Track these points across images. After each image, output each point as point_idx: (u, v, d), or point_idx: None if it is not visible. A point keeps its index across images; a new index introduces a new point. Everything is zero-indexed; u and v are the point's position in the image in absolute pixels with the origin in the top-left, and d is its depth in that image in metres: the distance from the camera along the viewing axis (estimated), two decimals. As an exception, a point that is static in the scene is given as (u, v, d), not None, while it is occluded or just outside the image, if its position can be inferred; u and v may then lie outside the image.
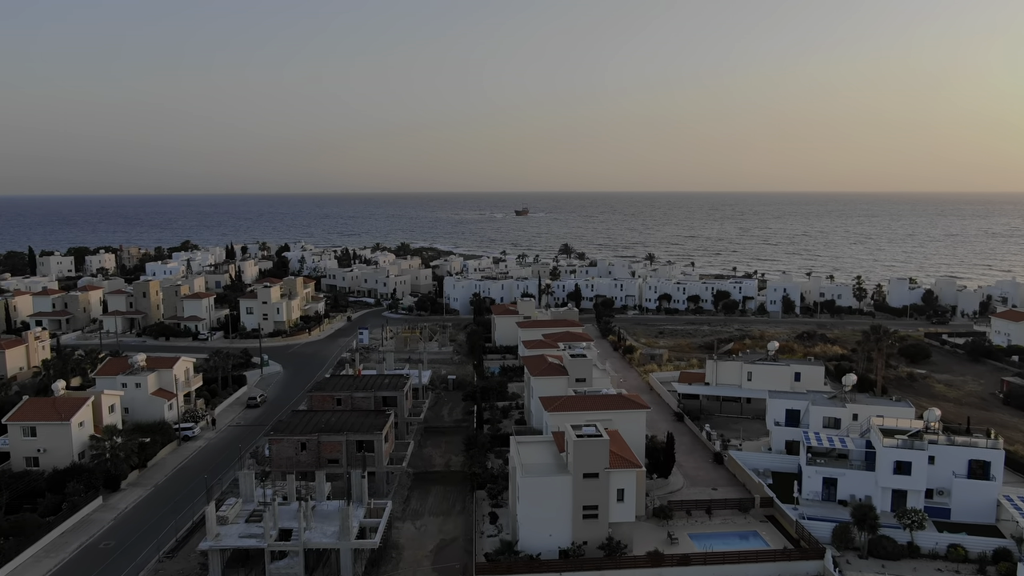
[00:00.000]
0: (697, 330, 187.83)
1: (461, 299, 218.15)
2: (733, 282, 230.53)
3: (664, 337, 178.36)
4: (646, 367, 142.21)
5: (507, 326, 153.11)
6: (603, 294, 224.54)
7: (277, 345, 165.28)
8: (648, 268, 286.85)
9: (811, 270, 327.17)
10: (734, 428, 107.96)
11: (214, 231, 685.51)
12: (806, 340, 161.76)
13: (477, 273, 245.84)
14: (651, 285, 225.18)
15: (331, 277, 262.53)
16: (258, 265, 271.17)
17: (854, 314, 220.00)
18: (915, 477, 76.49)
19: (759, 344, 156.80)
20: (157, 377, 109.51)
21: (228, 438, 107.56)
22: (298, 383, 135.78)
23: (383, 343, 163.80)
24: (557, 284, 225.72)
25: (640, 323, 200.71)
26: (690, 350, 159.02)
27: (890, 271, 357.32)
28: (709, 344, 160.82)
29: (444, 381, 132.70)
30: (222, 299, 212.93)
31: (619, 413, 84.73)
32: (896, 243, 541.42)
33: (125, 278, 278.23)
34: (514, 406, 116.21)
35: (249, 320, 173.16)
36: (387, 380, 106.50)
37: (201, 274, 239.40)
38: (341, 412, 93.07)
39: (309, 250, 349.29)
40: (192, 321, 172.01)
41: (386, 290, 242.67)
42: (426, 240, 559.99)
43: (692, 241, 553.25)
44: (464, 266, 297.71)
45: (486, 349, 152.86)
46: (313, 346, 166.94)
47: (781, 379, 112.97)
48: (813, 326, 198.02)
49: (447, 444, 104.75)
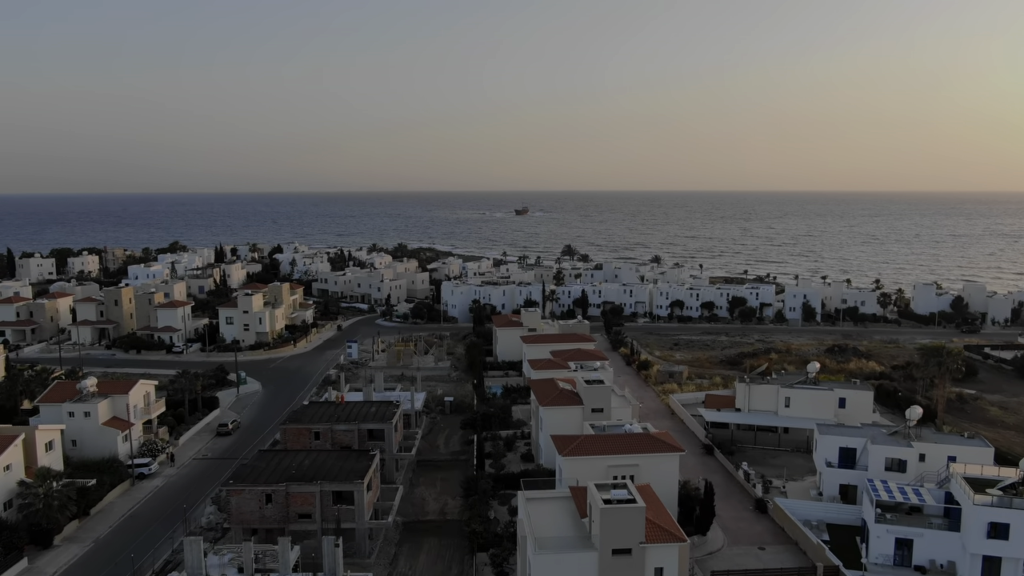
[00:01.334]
0: (715, 341, 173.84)
1: (460, 306, 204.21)
2: (749, 288, 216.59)
3: (680, 349, 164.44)
4: (664, 386, 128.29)
5: (510, 339, 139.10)
6: (611, 301, 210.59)
7: (258, 359, 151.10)
8: (655, 271, 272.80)
9: (826, 274, 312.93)
10: (773, 464, 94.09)
11: (208, 231, 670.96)
12: (837, 354, 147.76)
13: (477, 278, 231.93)
14: (662, 291, 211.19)
15: (323, 281, 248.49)
16: (246, 268, 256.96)
17: (878, 322, 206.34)
18: (1014, 543, 62.61)
19: (787, 359, 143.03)
20: (110, 404, 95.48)
21: (191, 474, 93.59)
22: (278, 405, 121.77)
23: (374, 357, 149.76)
24: (562, 290, 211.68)
25: (652, 332, 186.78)
26: (710, 365, 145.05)
27: (902, 274, 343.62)
28: (731, 359, 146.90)
29: (440, 403, 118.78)
30: (205, 306, 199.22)
31: (648, 458, 70.81)
32: (904, 244, 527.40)
33: (107, 282, 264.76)
34: (520, 435, 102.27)
35: (229, 331, 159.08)
36: (374, 409, 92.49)
37: (184, 279, 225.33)
38: (317, 452, 79.06)
39: (302, 252, 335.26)
40: (167, 332, 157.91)
41: (380, 295, 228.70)
42: (424, 240, 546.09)
43: (694, 242, 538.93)
44: (463, 269, 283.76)
45: (487, 365, 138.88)
46: (298, 360, 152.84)
47: (823, 406, 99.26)
48: (838, 336, 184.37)
49: (443, 483, 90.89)
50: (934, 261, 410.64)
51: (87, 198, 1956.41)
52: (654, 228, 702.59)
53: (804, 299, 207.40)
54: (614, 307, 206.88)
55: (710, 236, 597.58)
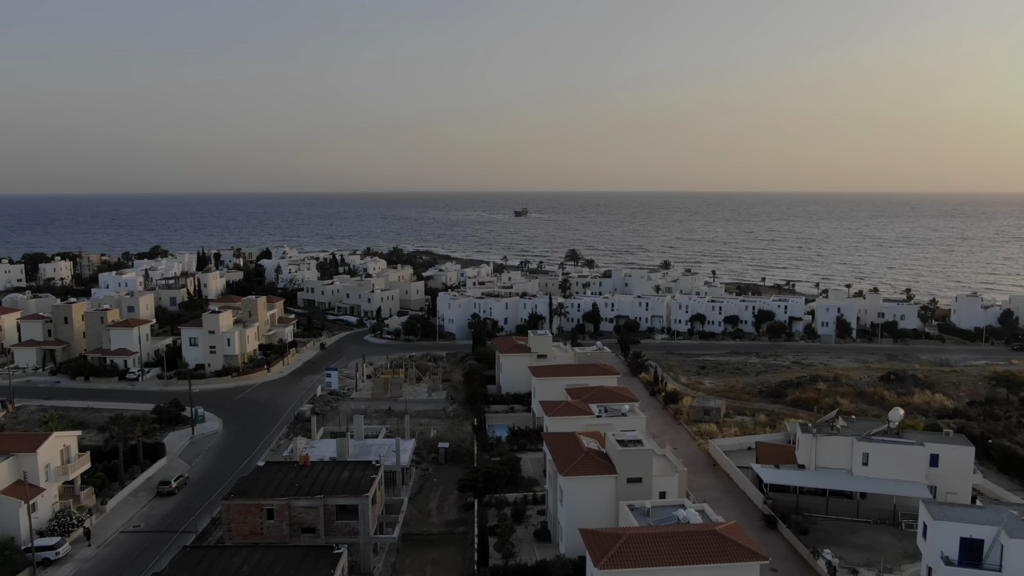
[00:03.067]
0: (746, 364, 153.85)
1: (458, 320, 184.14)
2: (776, 300, 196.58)
3: (708, 373, 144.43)
4: (700, 426, 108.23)
5: (516, 368, 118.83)
6: (625, 315, 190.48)
7: (223, 388, 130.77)
8: (667, 278, 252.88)
9: (849, 282, 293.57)
10: (854, 543, 74.12)
11: (198, 233, 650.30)
12: (895, 384, 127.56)
13: (476, 288, 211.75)
14: (681, 304, 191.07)
15: (309, 291, 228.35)
16: (225, 277, 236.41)
17: (920, 339, 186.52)
18: None
19: (837, 391, 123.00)
20: (13, 465, 75.40)
21: (115, 556, 73.35)
22: (238, 451, 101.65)
23: (357, 386, 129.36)
24: (571, 303, 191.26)
25: (672, 351, 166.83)
26: (749, 397, 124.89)
27: (922, 281, 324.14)
28: (772, 389, 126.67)
29: (433, 450, 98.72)
30: (176, 321, 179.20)
31: (718, 570, 50.88)
32: (916, 247, 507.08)
33: (77, 290, 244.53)
34: (532, 500, 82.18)
35: (193, 354, 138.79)
36: (347, 475, 72.31)
37: (155, 289, 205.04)
38: (265, 548, 58.94)
39: (289, 257, 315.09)
40: (121, 355, 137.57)
41: (371, 307, 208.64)
42: (421, 242, 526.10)
43: (697, 245, 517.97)
44: (461, 276, 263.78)
45: (488, 398, 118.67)
46: (270, 388, 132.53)
47: (911, 465, 79.35)
48: (881, 356, 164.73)
49: (434, 568, 70.93)
50: (950, 266, 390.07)
51: (81, 199, 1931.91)
52: (654, 230, 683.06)
53: (838, 313, 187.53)
54: (629, 322, 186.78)
55: (712, 239, 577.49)
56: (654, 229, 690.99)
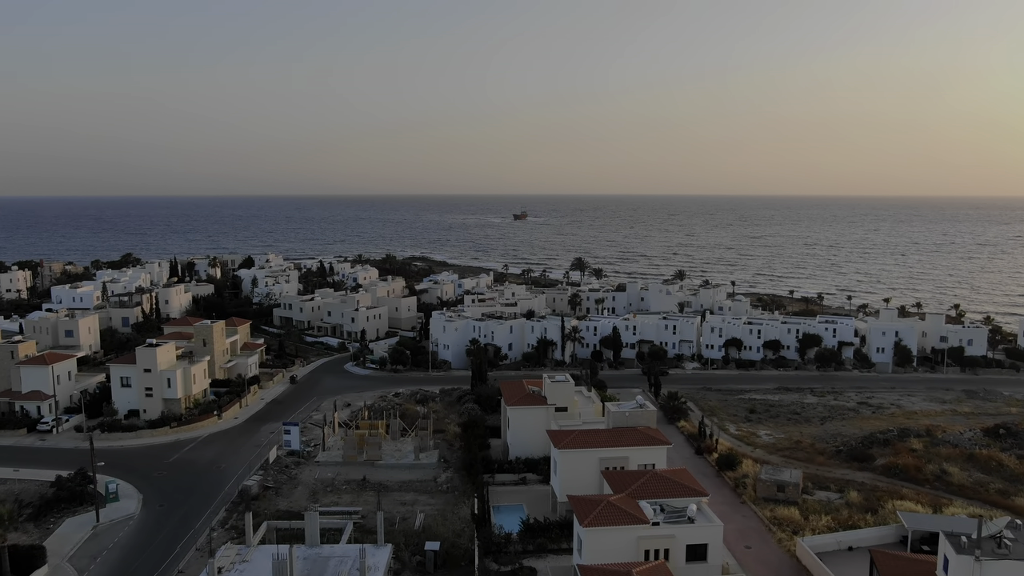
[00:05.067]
0: (802, 405, 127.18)
1: (455, 346, 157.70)
2: (823, 321, 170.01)
3: (760, 419, 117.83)
4: (775, 509, 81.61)
5: (529, 425, 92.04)
6: (649, 339, 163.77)
7: (158, 443, 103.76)
8: (683, 290, 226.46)
9: (888, 296, 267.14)
10: None
11: (182, 237, 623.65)
12: (1005, 438, 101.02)
13: (475, 306, 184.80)
14: (714, 326, 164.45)
15: (287, 307, 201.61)
16: (191, 292, 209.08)
17: (991, 367, 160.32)
18: None
19: (935, 451, 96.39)
20: None
21: None
22: (155, 551, 74.73)
23: (325, 442, 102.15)
24: (586, 325, 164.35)
25: (708, 385, 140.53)
26: (825, 460, 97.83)
27: (949, 293, 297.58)
28: (855, 451, 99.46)
29: (418, 551, 72.01)
30: (124, 348, 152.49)
31: None
32: (931, 254, 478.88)
33: (32, 305, 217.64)
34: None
35: (125, 397, 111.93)
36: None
37: (104, 308, 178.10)
38: None
39: (270, 265, 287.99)
40: (33, 400, 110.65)
41: (355, 328, 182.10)
42: (417, 248, 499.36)
43: (702, 252, 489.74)
44: (459, 289, 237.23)
45: (492, 464, 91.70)
46: (218, 442, 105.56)
47: None
48: (958, 392, 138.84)
49: None
50: (974, 275, 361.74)
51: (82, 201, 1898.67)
52: (655, 235, 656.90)
53: (896, 337, 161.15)
54: (654, 348, 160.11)
55: (715, 244, 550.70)
56: (654, 234, 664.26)
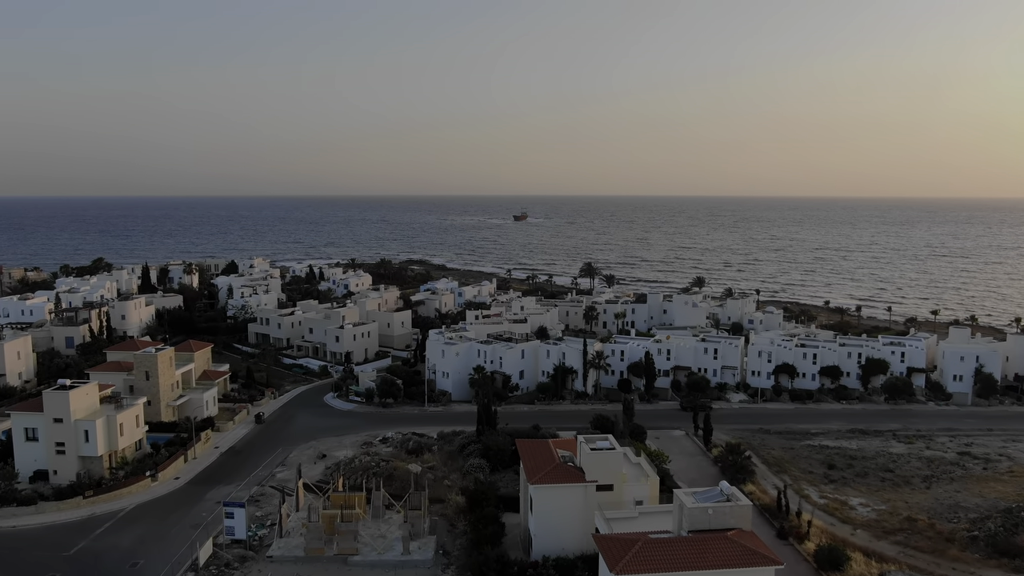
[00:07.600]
0: (889, 454, 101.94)
1: (455, 374, 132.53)
2: (888, 343, 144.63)
3: (844, 478, 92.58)
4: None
5: (560, 510, 66.54)
6: (686, 364, 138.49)
7: (62, 523, 78.05)
8: (707, 302, 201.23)
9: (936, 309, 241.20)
10: None
11: (173, 239, 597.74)
12: None
13: (479, 322, 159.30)
14: (761, 350, 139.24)
15: (263, 322, 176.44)
16: (155, 304, 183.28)
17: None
18: None
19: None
20: None
21: None
22: None
23: (283, 526, 76.29)
24: (610, 349, 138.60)
25: (763, 425, 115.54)
26: (959, 554, 72.64)
27: (978, 303, 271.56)
28: (998, 539, 74.35)
29: None
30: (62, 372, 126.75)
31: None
32: (947, 258, 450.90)
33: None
34: None
35: (30, 455, 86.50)
36: None
37: (43, 325, 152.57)
38: None
39: (253, 270, 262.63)
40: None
41: (339, 348, 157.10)
42: (415, 251, 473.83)
43: (711, 255, 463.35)
44: (459, 301, 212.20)
45: (509, 568, 66.10)
46: (147, 518, 79.91)
47: None
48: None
49: None
50: (1003, 284, 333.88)
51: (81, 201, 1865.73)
52: (659, 236, 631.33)
53: (977, 363, 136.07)
54: (693, 377, 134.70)
55: (719, 247, 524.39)
56: (657, 236, 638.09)
